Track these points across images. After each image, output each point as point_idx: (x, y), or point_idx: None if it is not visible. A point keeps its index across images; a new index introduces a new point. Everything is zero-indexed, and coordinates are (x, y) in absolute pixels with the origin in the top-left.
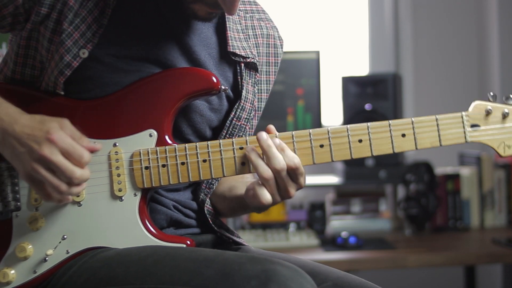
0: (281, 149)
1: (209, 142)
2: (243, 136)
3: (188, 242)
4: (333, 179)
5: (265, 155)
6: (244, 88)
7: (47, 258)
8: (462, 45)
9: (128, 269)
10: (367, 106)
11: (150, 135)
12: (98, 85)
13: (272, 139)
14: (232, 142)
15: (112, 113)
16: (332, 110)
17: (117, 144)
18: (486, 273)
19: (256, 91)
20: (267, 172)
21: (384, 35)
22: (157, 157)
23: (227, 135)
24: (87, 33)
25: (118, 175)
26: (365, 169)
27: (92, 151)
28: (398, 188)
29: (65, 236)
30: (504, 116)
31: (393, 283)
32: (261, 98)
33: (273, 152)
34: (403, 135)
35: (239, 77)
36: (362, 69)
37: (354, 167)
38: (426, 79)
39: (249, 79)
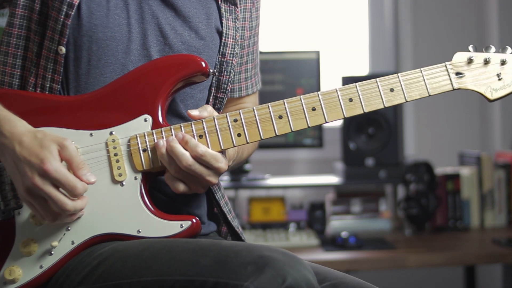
0: (185, 142)
1: (203, 119)
2: (231, 71)
3: (194, 220)
4: (333, 179)
5: (173, 157)
6: (224, 24)
7: (52, 251)
8: (462, 45)
9: (125, 264)
10: None
11: (145, 120)
12: (94, 40)
13: (176, 134)
14: (226, 115)
15: (106, 104)
16: None
17: (113, 132)
18: (486, 273)
19: (238, 26)
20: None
21: (384, 35)
22: (154, 139)
23: (217, 73)
24: None
25: (117, 161)
26: (365, 169)
27: (87, 183)
28: (398, 188)
29: (69, 228)
30: (486, 62)
31: (393, 283)
32: (244, 26)
33: (178, 152)
34: (392, 90)
35: (219, 13)
36: (362, 69)
37: (354, 167)
38: None
39: (229, 15)
